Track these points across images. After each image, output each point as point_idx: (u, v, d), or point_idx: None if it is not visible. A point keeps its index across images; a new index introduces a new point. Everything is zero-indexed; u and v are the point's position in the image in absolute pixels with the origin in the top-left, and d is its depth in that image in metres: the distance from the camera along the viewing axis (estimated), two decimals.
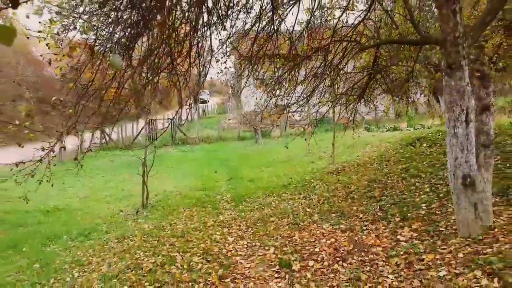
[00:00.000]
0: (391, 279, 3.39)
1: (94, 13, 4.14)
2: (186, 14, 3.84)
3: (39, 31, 4.19)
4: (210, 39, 5.30)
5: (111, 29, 3.76)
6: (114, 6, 3.78)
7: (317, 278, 3.65)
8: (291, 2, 6.32)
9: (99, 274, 4.40)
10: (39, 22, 4.18)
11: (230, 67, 8.09)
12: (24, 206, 9.75)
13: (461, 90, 3.91)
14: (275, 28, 6.19)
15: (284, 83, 7.12)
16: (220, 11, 5.14)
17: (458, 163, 3.92)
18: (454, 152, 3.94)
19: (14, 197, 10.55)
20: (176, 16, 3.70)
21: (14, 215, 8.81)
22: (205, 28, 4.90)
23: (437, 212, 4.65)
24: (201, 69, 4.90)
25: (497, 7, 4.03)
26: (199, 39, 4.49)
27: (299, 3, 6.31)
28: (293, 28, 6.51)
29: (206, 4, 3.89)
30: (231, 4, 5.46)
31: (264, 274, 3.90)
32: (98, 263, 5.02)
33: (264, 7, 6.02)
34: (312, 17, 6.61)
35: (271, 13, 5.93)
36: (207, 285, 3.67)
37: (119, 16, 3.54)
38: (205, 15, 4.75)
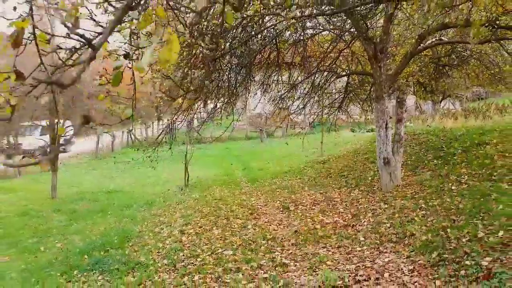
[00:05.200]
0: (340, 210, 6.57)
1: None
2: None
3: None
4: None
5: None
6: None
7: (302, 212, 6.83)
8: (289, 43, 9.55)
9: (177, 216, 7.58)
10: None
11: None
12: (88, 188, 13.01)
13: (383, 111, 7.07)
14: (279, 62, 9.36)
15: (285, 99, 10.31)
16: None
17: (381, 151, 7.07)
18: (379, 144, 7.09)
19: (74, 182, 13.82)
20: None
21: (86, 194, 11.98)
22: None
23: (376, 181, 7.82)
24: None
25: (403, 66, 7.18)
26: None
27: (296, 46, 9.53)
28: (292, 62, 9.71)
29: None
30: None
31: (274, 212, 7.09)
32: (171, 214, 8.19)
33: (271, 49, 9.20)
34: (305, 53, 9.78)
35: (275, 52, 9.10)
36: (244, 215, 6.85)
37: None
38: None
